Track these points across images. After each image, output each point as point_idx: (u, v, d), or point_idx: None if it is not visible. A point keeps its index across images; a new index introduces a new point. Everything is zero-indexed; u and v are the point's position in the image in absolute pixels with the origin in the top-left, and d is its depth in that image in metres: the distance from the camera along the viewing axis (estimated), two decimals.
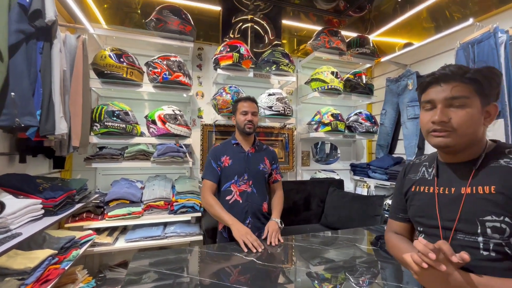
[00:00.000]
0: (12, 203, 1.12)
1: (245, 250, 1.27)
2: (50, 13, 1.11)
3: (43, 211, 1.29)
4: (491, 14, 2.07)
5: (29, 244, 1.43)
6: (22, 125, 1.04)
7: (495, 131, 1.70)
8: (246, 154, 1.66)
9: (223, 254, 1.28)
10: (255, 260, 1.20)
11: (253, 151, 1.68)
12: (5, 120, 1.00)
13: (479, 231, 0.66)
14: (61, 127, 1.24)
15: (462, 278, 0.63)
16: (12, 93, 1.01)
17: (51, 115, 1.17)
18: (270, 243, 1.38)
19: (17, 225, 1.10)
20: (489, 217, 0.64)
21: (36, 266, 1.23)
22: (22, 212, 1.12)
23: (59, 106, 1.23)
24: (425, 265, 0.62)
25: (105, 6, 2.53)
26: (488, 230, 0.64)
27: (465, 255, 0.60)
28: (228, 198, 1.60)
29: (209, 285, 1.00)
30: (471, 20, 1.92)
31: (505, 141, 1.64)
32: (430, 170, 0.81)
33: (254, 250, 1.26)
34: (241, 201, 1.59)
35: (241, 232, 1.35)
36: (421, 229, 0.80)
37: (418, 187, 0.82)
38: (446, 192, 0.74)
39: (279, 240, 1.42)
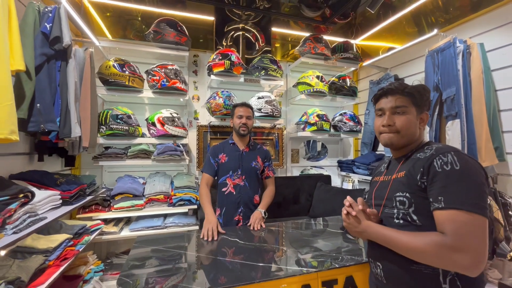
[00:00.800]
0: (37, 193, 1.37)
1: (204, 237, 1.49)
2: (67, 38, 1.36)
3: (61, 201, 1.54)
4: (453, 26, 2.29)
5: (48, 230, 1.68)
6: (46, 130, 1.28)
7: (454, 130, 1.93)
8: (241, 153, 1.91)
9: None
10: (240, 241, 1.45)
11: (247, 150, 1.93)
12: (33, 127, 1.24)
13: (393, 204, 0.88)
14: (76, 131, 1.49)
15: (367, 224, 0.90)
16: (38, 105, 1.25)
17: (68, 121, 1.42)
18: (253, 228, 1.64)
19: (42, 211, 1.35)
20: (397, 193, 0.87)
21: (56, 246, 1.48)
22: (46, 201, 1.38)
23: (74, 114, 1.48)
24: (344, 211, 0.95)
25: (108, 14, 2.77)
26: (397, 203, 0.87)
27: (370, 209, 0.93)
28: (224, 189, 1.86)
29: (207, 260, 1.25)
30: (435, 31, 2.14)
31: (460, 138, 1.87)
32: (385, 165, 1.05)
33: (206, 238, 1.49)
34: (234, 193, 1.85)
35: (209, 221, 1.60)
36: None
37: (374, 177, 1.08)
38: (386, 180, 0.96)
39: (261, 226, 1.67)
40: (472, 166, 0.77)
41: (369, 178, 2.93)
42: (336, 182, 3.40)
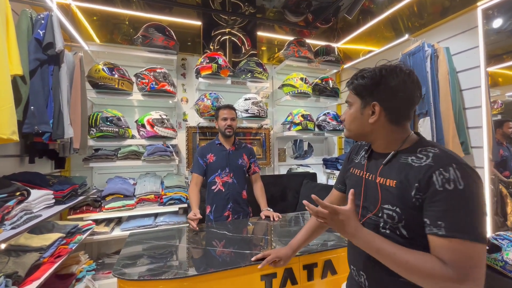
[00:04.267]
0: (32, 193, 1.42)
1: (192, 219, 1.64)
2: (59, 44, 1.42)
3: (54, 200, 1.59)
4: (424, 31, 2.48)
5: (40, 230, 1.73)
6: (40, 131, 1.34)
7: (425, 127, 2.10)
8: (228, 152, 2.01)
9: (206, 230, 1.63)
10: (229, 234, 1.55)
11: (233, 149, 2.04)
12: (27, 128, 1.30)
13: (380, 214, 0.80)
14: (69, 132, 1.55)
15: (355, 225, 0.77)
16: (32, 107, 1.31)
17: (61, 123, 1.48)
18: (276, 219, 1.84)
19: (37, 209, 1.41)
20: (386, 206, 0.78)
21: (50, 244, 1.53)
22: (40, 199, 1.43)
23: (67, 116, 1.54)
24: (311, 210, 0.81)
25: (95, 18, 2.81)
26: (384, 215, 0.78)
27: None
28: (213, 187, 1.96)
29: (197, 250, 1.34)
30: (406, 36, 2.32)
31: (431, 134, 2.04)
32: (365, 155, 0.93)
33: (191, 226, 1.64)
34: (223, 190, 1.96)
35: (189, 214, 1.71)
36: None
37: (354, 169, 0.97)
38: (371, 180, 0.86)
39: (278, 217, 1.86)
40: (475, 183, 0.67)
41: None
42: (321, 179, 3.55)
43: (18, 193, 1.21)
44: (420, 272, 0.68)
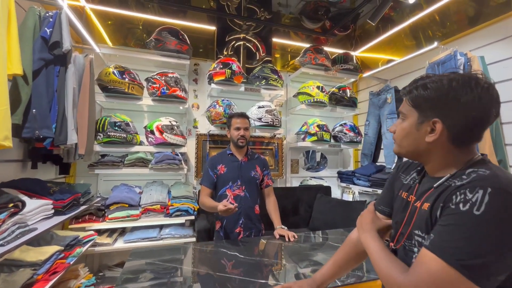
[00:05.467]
0: (28, 203, 1.30)
1: (226, 207, 1.53)
2: (67, 43, 1.33)
3: (53, 210, 1.47)
4: (454, 38, 2.32)
5: (38, 241, 1.61)
6: (41, 136, 1.24)
7: None
8: (240, 163, 1.87)
9: (215, 250, 1.47)
10: (240, 255, 1.39)
11: (245, 160, 1.90)
12: (27, 133, 1.20)
13: (412, 241, 0.71)
14: (72, 138, 1.44)
15: (371, 228, 0.80)
16: (34, 110, 1.21)
17: (64, 128, 1.37)
18: (291, 239, 1.64)
19: (33, 221, 1.29)
20: (417, 231, 0.69)
21: (46, 259, 1.40)
22: (37, 210, 1.31)
23: (71, 120, 1.44)
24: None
25: (109, 22, 2.77)
26: (416, 243, 0.69)
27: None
28: (224, 201, 1.80)
29: (204, 275, 1.19)
30: (436, 43, 2.16)
31: None
32: (417, 177, 0.80)
33: (231, 206, 1.53)
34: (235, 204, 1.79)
35: (219, 206, 1.57)
36: (392, 230, 0.85)
37: (402, 192, 0.83)
38: (416, 204, 0.74)
39: (294, 237, 1.67)
40: (506, 216, 0.53)
41: (370, 190, 2.90)
42: (336, 193, 3.35)
43: (11, 205, 1.10)
44: (379, 269, 0.68)
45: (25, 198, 1.39)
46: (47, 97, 1.27)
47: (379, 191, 2.81)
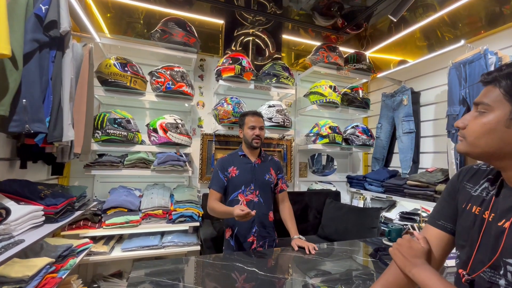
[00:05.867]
0: (14, 209, 1.11)
1: (244, 211, 1.33)
2: (65, 23, 1.15)
3: (44, 218, 1.28)
4: (481, 37, 2.19)
5: (26, 252, 1.40)
6: (32, 131, 1.05)
7: None
8: (253, 165, 1.70)
9: (223, 264, 1.29)
10: (256, 270, 1.22)
11: (259, 162, 1.73)
12: (16, 126, 1.01)
13: (501, 272, 0.57)
14: (69, 134, 1.25)
15: (423, 262, 0.67)
16: (24, 100, 1.02)
17: (60, 122, 1.19)
18: (311, 252, 1.45)
19: (19, 231, 1.09)
20: (511, 260, 0.55)
21: (34, 275, 1.21)
22: (25, 218, 1.12)
23: (68, 114, 1.25)
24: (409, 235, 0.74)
25: (108, 15, 2.58)
26: (509, 275, 0.55)
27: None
28: None
29: None
30: (462, 42, 2.03)
31: None
32: (491, 188, 0.67)
33: (250, 213, 1.34)
34: None
35: (235, 210, 1.38)
36: (458, 252, 0.71)
37: (471, 205, 0.69)
38: (495, 222, 0.61)
39: (314, 248, 1.48)
40: None
41: (383, 196, 2.75)
42: (345, 199, 3.20)
43: None
44: None
45: (11, 203, 1.19)
46: (40, 86, 1.08)
47: (394, 198, 2.67)
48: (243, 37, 2.82)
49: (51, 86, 1.14)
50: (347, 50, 3.19)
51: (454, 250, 0.76)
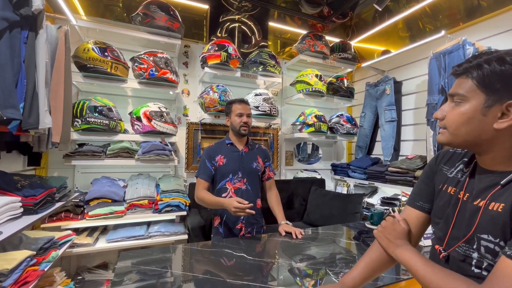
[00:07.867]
0: None
1: (242, 214, 1.40)
2: (38, 1, 1.06)
3: (22, 209, 1.22)
4: (460, 28, 2.27)
5: (4, 246, 1.34)
6: (4, 118, 0.98)
7: None
8: (240, 153, 1.70)
9: (212, 250, 1.30)
10: (245, 255, 1.24)
11: (246, 150, 1.74)
12: None
13: (475, 246, 0.62)
14: (46, 121, 1.18)
15: (404, 243, 0.72)
16: None
17: (35, 108, 1.11)
18: (298, 236, 1.51)
19: None
20: (486, 236, 0.59)
21: (14, 268, 1.16)
22: (2, 210, 1.06)
23: (44, 99, 1.18)
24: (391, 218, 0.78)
25: None
26: (482, 249, 0.60)
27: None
28: (223, 195, 1.65)
29: (200, 280, 1.02)
30: (443, 32, 2.09)
31: None
32: (465, 170, 0.71)
33: (247, 204, 1.39)
34: None
35: (231, 203, 1.42)
36: (434, 229, 0.77)
37: (445, 185, 0.74)
38: (470, 201, 0.66)
39: (301, 233, 1.54)
40: None
41: (366, 182, 2.85)
42: (329, 185, 3.29)
43: None
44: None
45: None
46: (12, 69, 1.00)
47: (376, 184, 2.78)
48: (228, 23, 2.75)
49: (24, 69, 1.06)
50: (332, 39, 3.20)
51: (429, 230, 0.81)
